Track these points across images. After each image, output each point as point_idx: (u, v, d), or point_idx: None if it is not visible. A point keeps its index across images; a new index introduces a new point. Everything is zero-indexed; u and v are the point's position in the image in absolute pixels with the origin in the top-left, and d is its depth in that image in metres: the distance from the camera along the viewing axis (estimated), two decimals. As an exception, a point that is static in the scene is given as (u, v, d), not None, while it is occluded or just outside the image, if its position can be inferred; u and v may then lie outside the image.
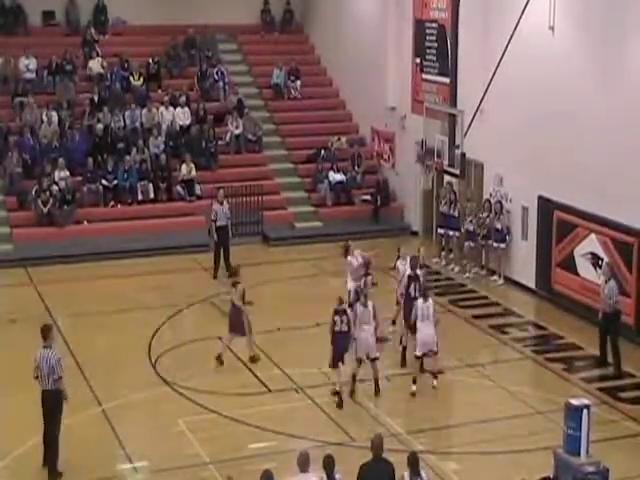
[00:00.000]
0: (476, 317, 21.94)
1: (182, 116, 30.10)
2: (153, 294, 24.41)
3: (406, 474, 12.05)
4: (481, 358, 19.75)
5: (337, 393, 17.37)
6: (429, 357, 18.18)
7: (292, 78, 32.60)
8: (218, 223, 24.74)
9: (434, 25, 26.88)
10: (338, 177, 29.43)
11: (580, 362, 19.56)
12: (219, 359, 18.92)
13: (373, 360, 17.56)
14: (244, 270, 20.08)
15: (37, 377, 14.98)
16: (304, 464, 11.95)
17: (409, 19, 28.21)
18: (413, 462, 12.12)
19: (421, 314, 18.00)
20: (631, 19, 20.30)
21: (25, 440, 15.74)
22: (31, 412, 16.81)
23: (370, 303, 17.65)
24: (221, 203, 24.92)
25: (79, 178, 27.72)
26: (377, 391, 17.68)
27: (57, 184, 26.94)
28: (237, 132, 30.12)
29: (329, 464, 11.89)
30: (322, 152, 30.18)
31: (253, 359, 19.11)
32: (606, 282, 19.11)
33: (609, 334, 19.01)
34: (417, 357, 18.19)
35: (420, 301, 18.14)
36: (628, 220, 20.30)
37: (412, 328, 18.38)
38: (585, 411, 13.51)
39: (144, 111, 29.92)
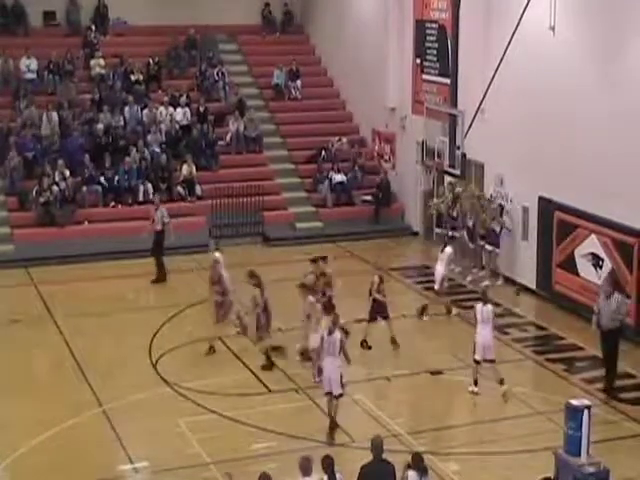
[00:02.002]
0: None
1: (182, 116, 30.12)
2: (154, 294, 24.44)
3: (412, 473, 12.02)
4: (482, 359, 19.75)
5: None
6: (486, 364, 17.74)
7: (293, 78, 32.62)
8: (156, 227, 24.53)
9: (434, 26, 26.89)
10: (339, 177, 29.44)
11: (581, 363, 19.55)
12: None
13: (336, 397, 16.14)
14: (244, 270, 20.05)
15: None
16: (307, 468, 11.88)
17: (409, 20, 28.22)
18: (418, 461, 12.10)
19: (481, 317, 17.73)
20: (631, 19, 20.30)
21: (25, 441, 15.76)
22: (31, 413, 16.90)
23: (337, 333, 16.20)
24: (157, 208, 24.81)
25: (79, 178, 27.72)
26: (332, 427, 16.14)
27: (57, 184, 26.95)
28: (241, 130, 30.15)
29: (329, 465, 11.87)
30: (323, 152, 30.20)
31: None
32: (607, 298, 18.00)
33: (613, 350, 18.10)
34: (476, 361, 17.78)
35: (480, 304, 17.85)
36: (629, 220, 20.30)
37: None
38: (586, 412, 13.51)
39: (145, 111, 29.95)
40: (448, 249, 21.95)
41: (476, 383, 17.81)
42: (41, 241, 25.98)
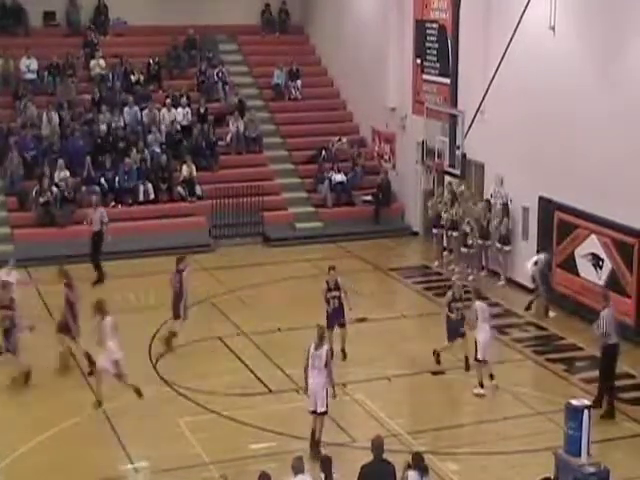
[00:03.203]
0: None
1: (183, 117, 30.11)
2: (153, 294, 24.42)
3: (412, 473, 12.01)
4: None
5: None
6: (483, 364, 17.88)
7: (293, 78, 32.62)
8: (93, 228, 24.54)
9: (435, 26, 26.90)
10: (339, 178, 29.44)
11: (581, 363, 19.56)
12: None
13: (320, 414, 15.56)
14: (244, 270, 20.07)
15: None
16: (298, 468, 11.97)
17: (409, 20, 28.23)
18: (419, 461, 12.11)
19: (482, 316, 17.75)
20: (631, 19, 20.31)
21: (25, 441, 15.78)
22: (32, 413, 16.90)
23: (325, 346, 15.65)
24: (95, 208, 24.76)
25: (79, 178, 27.73)
26: (316, 453, 15.13)
27: (57, 185, 26.94)
28: (241, 130, 30.16)
29: (327, 465, 11.91)
30: (323, 153, 30.19)
31: None
32: (600, 312, 17.27)
33: (601, 371, 17.31)
34: (480, 361, 17.79)
35: (479, 302, 17.91)
36: (629, 220, 20.30)
37: None
38: (586, 412, 13.52)
39: (145, 112, 29.93)
40: (541, 256, 21.62)
41: (482, 385, 17.77)
42: (41, 241, 25.96)
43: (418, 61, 27.86)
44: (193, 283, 23.68)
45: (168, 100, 30.33)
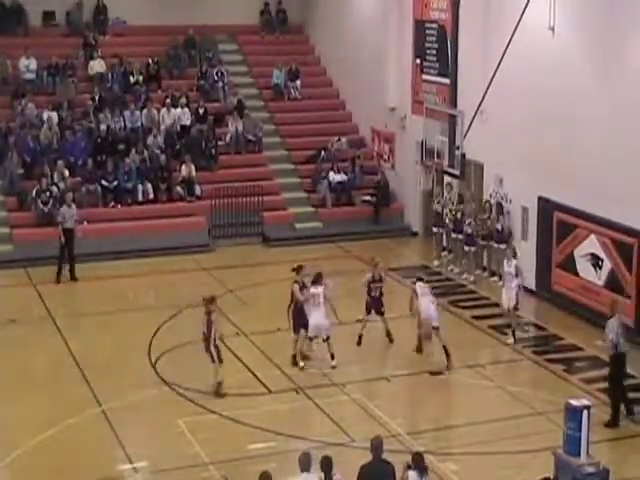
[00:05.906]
0: (476, 318, 21.93)
1: (182, 117, 30.08)
2: (153, 294, 24.45)
3: (412, 473, 12.02)
4: (481, 359, 19.76)
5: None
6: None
7: (292, 78, 32.61)
8: (65, 225, 24.56)
9: (434, 26, 26.91)
10: (338, 178, 29.43)
11: (580, 363, 19.55)
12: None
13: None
14: (243, 270, 20.08)
15: None
16: (306, 464, 11.96)
17: (409, 20, 28.23)
18: (419, 461, 12.11)
19: (321, 299, 18.82)
20: (630, 19, 20.31)
21: (25, 441, 15.78)
22: (31, 413, 16.91)
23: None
24: (69, 206, 24.75)
25: (79, 179, 27.72)
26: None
27: (57, 185, 26.93)
28: (240, 130, 30.15)
29: (326, 465, 11.91)
30: (322, 153, 30.18)
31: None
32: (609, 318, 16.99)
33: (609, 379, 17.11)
34: (311, 338, 19.20)
35: (319, 287, 18.94)
36: (628, 220, 20.30)
37: None
38: (585, 412, 13.52)
39: (144, 112, 29.91)
40: (513, 261, 21.03)
41: (303, 357, 19.01)
42: (41, 241, 25.94)
43: (418, 61, 27.86)
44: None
45: (168, 100, 30.32)
